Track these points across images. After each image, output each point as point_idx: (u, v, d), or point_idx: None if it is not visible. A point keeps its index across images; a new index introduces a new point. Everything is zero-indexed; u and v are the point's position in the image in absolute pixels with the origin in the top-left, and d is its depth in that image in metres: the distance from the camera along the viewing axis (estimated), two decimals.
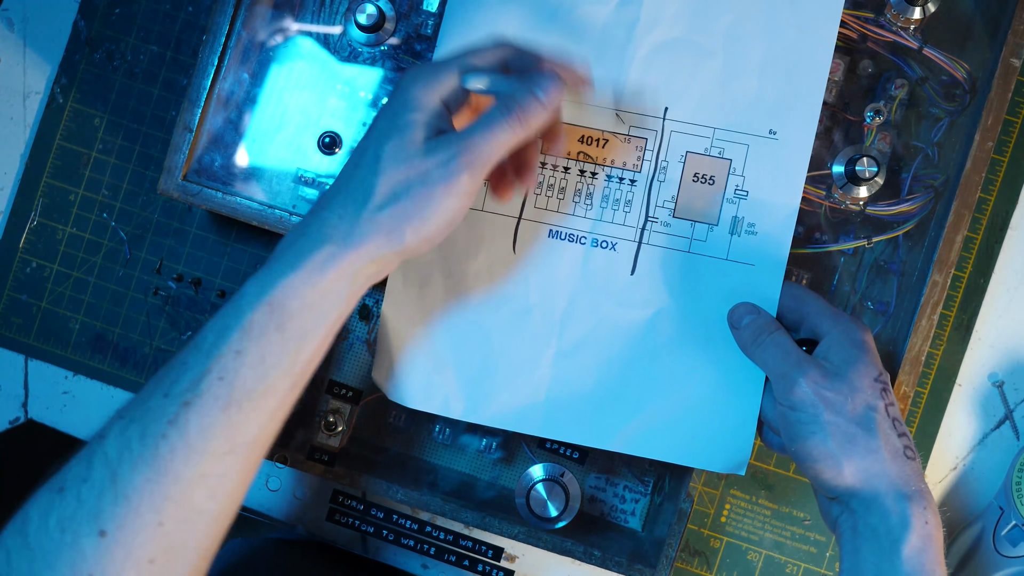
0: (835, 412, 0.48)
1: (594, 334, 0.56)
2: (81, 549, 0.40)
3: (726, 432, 0.55)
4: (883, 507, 0.47)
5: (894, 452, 0.48)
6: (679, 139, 0.55)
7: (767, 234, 0.55)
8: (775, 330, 0.52)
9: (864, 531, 0.47)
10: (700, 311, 0.56)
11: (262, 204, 0.59)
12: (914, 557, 0.45)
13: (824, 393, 0.48)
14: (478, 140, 0.45)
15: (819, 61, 0.54)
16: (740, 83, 0.55)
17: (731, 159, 0.55)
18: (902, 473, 0.47)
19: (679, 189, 0.55)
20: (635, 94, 0.55)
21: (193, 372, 0.42)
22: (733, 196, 0.55)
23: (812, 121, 0.54)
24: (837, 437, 0.48)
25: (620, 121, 0.55)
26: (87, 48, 0.68)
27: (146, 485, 0.41)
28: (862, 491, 0.47)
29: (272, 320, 0.43)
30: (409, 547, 0.66)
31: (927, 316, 0.56)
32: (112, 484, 0.41)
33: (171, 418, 0.41)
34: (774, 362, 0.51)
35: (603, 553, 0.58)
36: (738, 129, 0.55)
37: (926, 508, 0.47)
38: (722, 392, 0.55)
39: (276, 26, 0.60)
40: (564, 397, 0.56)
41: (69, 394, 0.68)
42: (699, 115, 0.55)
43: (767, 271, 0.55)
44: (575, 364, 0.56)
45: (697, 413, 0.56)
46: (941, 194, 0.58)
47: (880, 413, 0.48)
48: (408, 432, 0.65)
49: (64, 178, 0.68)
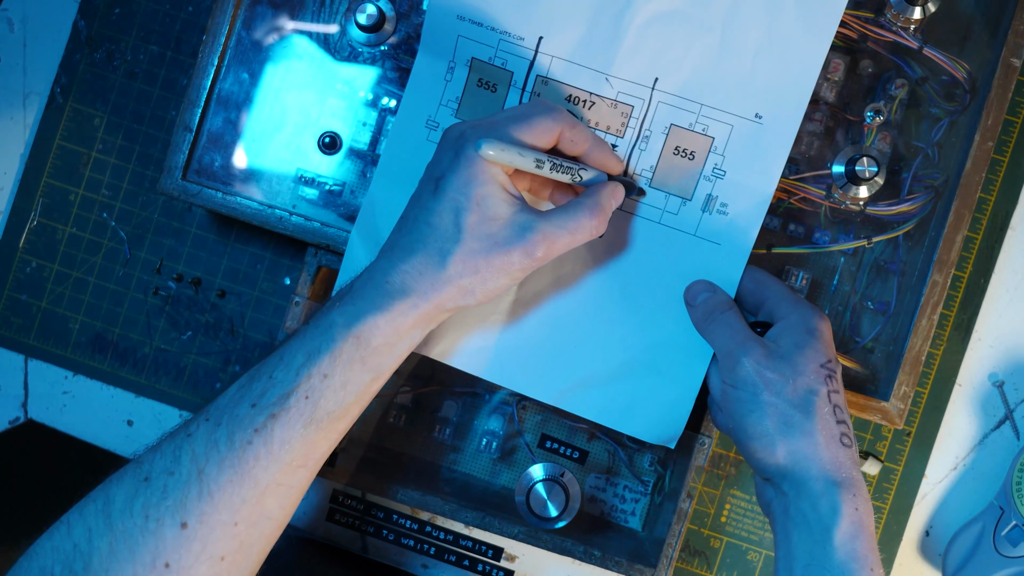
0: (774, 393, 0.49)
1: (553, 288, 0.56)
2: (163, 537, 0.43)
3: (664, 405, 0.56)
4: (813, 492, 0.47)
5: (830, 437, 0.48)
6: (665, 110, 0.55)
7: (738, 216, 0.55)
8: (728, 309, 0.53)
9: (795, 515, 0.48)
10: (659, 282, 0.56)
11: (262, 204, 0.59)
12: (846, 543, 0.46)
13: (766, 373, 0.49)
14: (563, 236, 0.49)
15: (815, 52, 0.54)
16: (733, 63, 0.55)
17: (714, 137, 0.55)
18: (835, 459, 0.48)
19: (659, 160, 0.56)
20: (627, 61, 0.55)
21: (281, 388, 0.45)
22: (711, 174, 0.55)
23: (799, 110, 0.54)
24: (774, 418, 0.48)
25: (608, 85, 0.55)
26: (87, 48, 0.68)
27: (228, 486, 0.44)
28: (793, 472, 0.48)
29: (358, 352, 0.46)
30: (409, 547, 0.66)
31: (927, 316, 0.56)
32: (199, 480, 0.44)
33: (258, 427, 0.45)
34: (722, 340, 0.52)
35: (603, 553, 0.58)
36: (725, 108, 0.55)
37: (856, 495, 0.47)
38: (667, 364, 0.56)
39: (276, 26, 0.60)
40: (513, 345, 0.56)
41: (69, 394, 0.68)
42: (688, 89, 0.55)
43: (732, 252, 0.55)
44: (530, 315, 0.57)
45: (639, 381, 0.56)
46: (941, 194, 0.58)
47: (821, 398, 0.49)
48: (408, 432, 0.65)
49: (64, 178, 0.68)
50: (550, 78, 0.55)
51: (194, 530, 0.43)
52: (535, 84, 0.55)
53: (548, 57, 0.55)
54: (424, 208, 0.48)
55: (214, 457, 0.44)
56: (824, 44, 0.54)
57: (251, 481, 0.44)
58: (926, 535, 0.66)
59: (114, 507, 0.43)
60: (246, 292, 0.67)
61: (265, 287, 0.67)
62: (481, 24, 0.55)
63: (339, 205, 0.60)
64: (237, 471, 0.44)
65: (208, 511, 0.43)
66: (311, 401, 0.45)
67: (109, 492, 0.44)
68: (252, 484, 0.44)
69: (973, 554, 0.63)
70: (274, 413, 0.45)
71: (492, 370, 0.57)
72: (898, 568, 0.66)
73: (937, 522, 0.66)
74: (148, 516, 0.43)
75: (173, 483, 0.44)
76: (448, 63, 0.56)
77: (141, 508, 0.43)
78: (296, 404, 0.45)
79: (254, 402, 0.45)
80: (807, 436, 0.48)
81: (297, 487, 0.46)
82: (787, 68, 0.54)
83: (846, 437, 0.49)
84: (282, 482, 0.45)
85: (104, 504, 0.44)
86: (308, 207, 0.60)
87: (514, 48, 0.55)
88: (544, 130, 0.49)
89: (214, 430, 0.45)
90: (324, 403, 0.46)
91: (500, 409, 0.64)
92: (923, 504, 0.66)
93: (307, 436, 0.45)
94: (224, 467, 0.44)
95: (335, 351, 0.46)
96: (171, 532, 0.43)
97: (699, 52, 0.55)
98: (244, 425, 0.45)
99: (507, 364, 0.57)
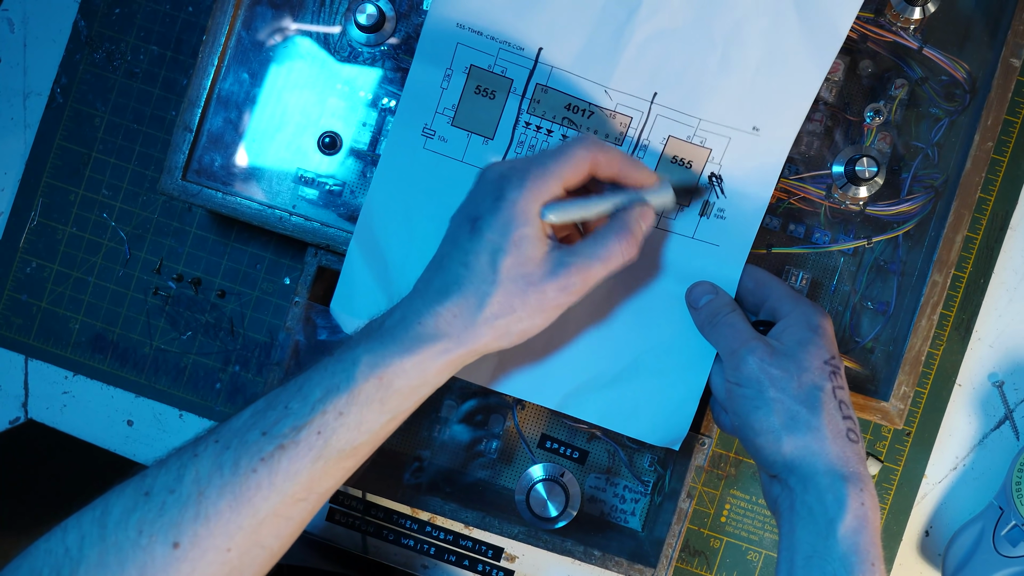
0: (780, 389, 0.49)
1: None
2: (153, 554, 0.42)
3: (668, 407, 0.56)
4: (819, 486, 0.47)
5: (836, 432, 0.48)
6: (663, 123, 0.56)
7: (736, 220, 0.56)
8: (731, 311, 0.53)
9: (800, 510, 0.48)
10: (659, 284, 0.56)
11: (262, 204, 0.59)
12: (849, 537, 0.46)
13: (770, 370, 0.49)
14: (597, 266, 0.48)
15: (814, 72, 0.54)
16: (733, 79, 0.55)
17: (711, 148, 0.56)
18: (842, 454, 0.48)
19: (656, 167, 0.56)
20: (626, 74, 0.55)
21: (295, 419, 0.45)
22: (706, 181, 0.56)
23: (796, 123, 0.55)
24: (780, 413, 0.49)
25: (607, 97, 0.56)
26: (87, 48, 0.68)
27: (226, 511, 0.43)
28: (800, 467, 0.48)
29: (378, 393, 0.46)
30: (409, 547, 0.66)
31: (927, 316, 0.56)
32: (197, 502, 0.43)
33: (265, 456, 0.44)
34: (726, 340, 0.52)
35: (603, 553, 0.58)
36: (723, 122, 0.55)
37: (863, 490, 0.47)
38: (670, 367, 0.56)
39: (276, 26, 0.60)
40: (515, 352, 0.56)
41: (69, 394, 0.68)
42: (687, 104, 0.55)
43: (731, 252, 0.56)
44: None
45: (642, 384, 0.56)
46: (941, 194, 0.58)
47: (826, 393, 0.49)
48: (408, 432, 0.65)
49: (64, 178, 0.68)
50: (550, 87, 0.55)
51: (185, 551, 0.42)
52: (535, 92, 0.55)
53: (548, 67, 0.55)
54: (460, 248, 0.48)
55: (216, 480, 0.43)
56: (825, 63, 0.54)
57: (250, 509, 0.43)
58: (926, 535, 0.66)
59: (110, 518, 0.43)
60: (246, 292, 0.67)
61: (265, 287, 0.67)
62: (481, 33, 0.55)
63: (339, 205, 0.60)
64: (237, 497, 0.43)
65: (202, 534, 0.43)
66: (323, 437, 0.45)
67: (109, 502, 0.44)
68: (251, 512, 0.43)
69: (973, 554, 0.63)
70: (283, 444, 0.44)
71: (494, 378, 0.57)
72: (898, 568, 0.66)
73: (937, 522, 0.66)
74: (142, 531, 0.42)
75: (172, 501, 0.43)
76: (445, 71, 0.56)
77: (136, 523, 0.42)
78: (307, 438, 0.44)
79: (265, 430, 0.45)
80: (813, 431, 0.48)
81: (297, 520, 0.46)
82: (786, 85, 0.55)
83: (852, 432, 0.49)
84: (281, 513, 0.44)
85: (102, 513, 0.43)
86: (308, 207, 0.60)
87: (513, 57, 0.55)
88: (580, 160, 0.49)
89: (221, 452, 0.44)
90: (336, 440, 0.45)
91: (500, 410, 0.64)
92: (923, 504, 0.66)
93: (313, 471, 0.45)
94: (225, 492, 0.43)
95: (355, 390, 0.45)
96: (162, 550, 0.42)
97: (699, 69, 0.55)
98: (252, 452, 0.44)
99: (509, 372, 0.57)
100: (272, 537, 0.45)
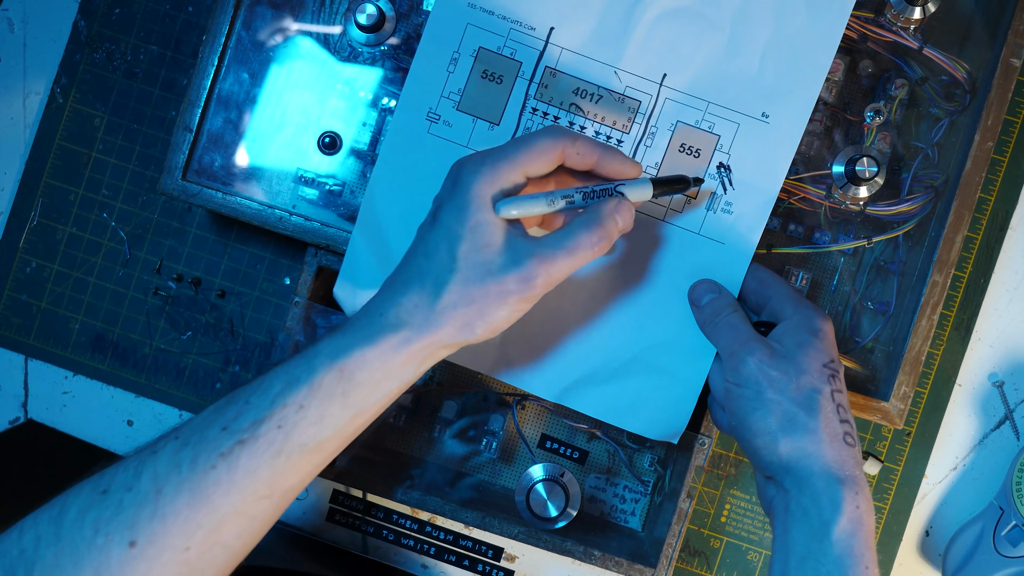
0: (778, 391, 0.49)
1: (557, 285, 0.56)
2: (109, 554, 0.41)
3: (667, 402, 0.56)
4: (815, 488, 0.47)
5: (833, 435, 0.48)
6: (672, 107, 0.56)
7: (742, 215, 0.55)
8: (733, 311, 0.53)
9: (795, 511, 0.48)
10: (663, 279, 0.56)
11: (262, 204, 0.59)
12: (844, 540, 0.46)
13: (769, 372, 0.49)
14: (561, 258, 0.47)
15: (823, 53, 0.54)
16: (742, 61, 0.55)
17: (720, 135, 0.55)
18: (839, 457, 0.48)
19: (664, 157, 0.56)
20: (636, 55, 0.55)
21: (254, 414, 0.44)
22: (716, 172, 0.55)
23: (806, 111, 0.55)
24: (778, 415, 0.48)
25: (617, 79, 0.56)
26: (87, 48, 0.68)
27: (184, 509, 0.42)
28: (796, 469, 0.48)
29: (340, 385, 0.45)
30: (409, 547, 0.66)
31: (927, 316, 0.56)
32: (154, 499, 0.42)
33: (224, 452, 0.43)
34: (726, 340, 0.52)
35: (603, 553, 0.58)
36: (732, 107, 0.55)
37: (858, 493, 0.47)
38: (670, 363, 0.56)
39: (276, 26, 0.60)
40: (517, 342, 0.56)
41: (69, 394, 0.68)
42: (696, 87, 0.55)
43: (736, 251, 0.55)
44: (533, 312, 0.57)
45: (642, 379, 0.56)
46: (941, 194, 0.58)
47: (824, 396, 0.49)
48: (408, 432, 0.65)
49: (64, 178, 0.68)
50: (559, 70, 0.55)
51: (142, 550, 0.41)
52: (543, 75, 0.55)
53: (558, 49, 0.55)
54: (422, 240, 0.48)
55: (174, 478, 0.42)
56: (832, 44, 0.54)
57: (208, 507, 0.42)
58: (926, 535, 0.66)
59: (67, 517, 0.42)
60: (246, 292, 0.67)
61: (265, 287, 0.67)
62: (492, 12, 0.55)
63: (339, 205, 0.60)
64: (196, 495, 0.42)
65: (160, 532, 0.41)
66: (283, 431, 0.44)
67: (66, 501, 0.43)
68: (209, 510, 0.42)
69: (973, 554, 0.63)
70: (243, 439, 0.43)
71: (496, 367, 0.57)
72: (898, 568, 0.66)
73: (937, 522, 0.66)
74: (98, 531, 0.41)
75: (129, 499, 0.42)
76: (452, 54, 0.56)
77: (92, 522, 0.41)
78: (267, 433, 0.43)
79: (225, 425, 0.43)
80: (811, 433, 0.48)
81: (260, 518, 0.44)
82: (795, 68, 0.55)
83: (849, 436, 0.49)
84: (243, 511, 0.43)
85: (59, 513, 0.42)
86: (308, 207, 0.60)
87: (524, 38, 0.55)
88: (545, 148, 0.48)
89: (180, 449, 0.43)
90: (297, 435, 0.44)
91: (500, 409, 0.64)
92: (923, 504, 0.66)
93: (275, 466, 0.43)
94: (183, 489, 0.42)
95: (315, 382, 0.44)
96: (118, 550, 0.41)
97: (708, 49, 0.55)
98: (210, 448, 0.43)
99: (511, 361, 0.57)
100: (233, 536, 0.44)
